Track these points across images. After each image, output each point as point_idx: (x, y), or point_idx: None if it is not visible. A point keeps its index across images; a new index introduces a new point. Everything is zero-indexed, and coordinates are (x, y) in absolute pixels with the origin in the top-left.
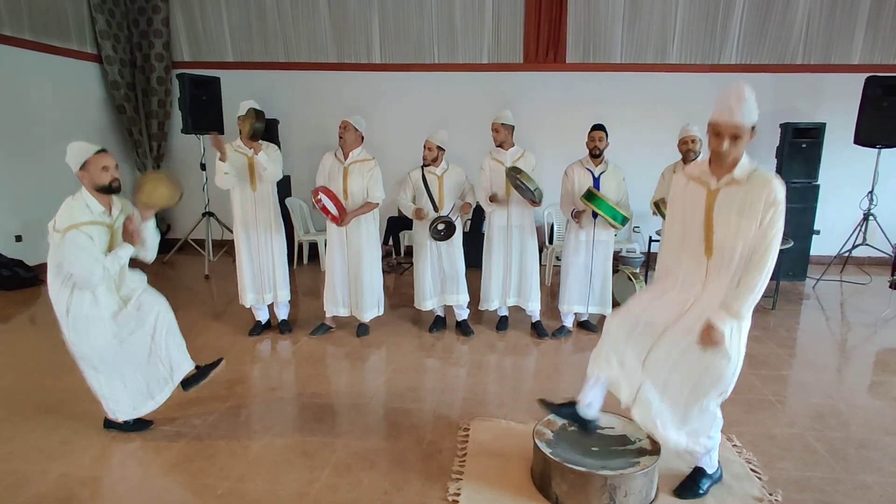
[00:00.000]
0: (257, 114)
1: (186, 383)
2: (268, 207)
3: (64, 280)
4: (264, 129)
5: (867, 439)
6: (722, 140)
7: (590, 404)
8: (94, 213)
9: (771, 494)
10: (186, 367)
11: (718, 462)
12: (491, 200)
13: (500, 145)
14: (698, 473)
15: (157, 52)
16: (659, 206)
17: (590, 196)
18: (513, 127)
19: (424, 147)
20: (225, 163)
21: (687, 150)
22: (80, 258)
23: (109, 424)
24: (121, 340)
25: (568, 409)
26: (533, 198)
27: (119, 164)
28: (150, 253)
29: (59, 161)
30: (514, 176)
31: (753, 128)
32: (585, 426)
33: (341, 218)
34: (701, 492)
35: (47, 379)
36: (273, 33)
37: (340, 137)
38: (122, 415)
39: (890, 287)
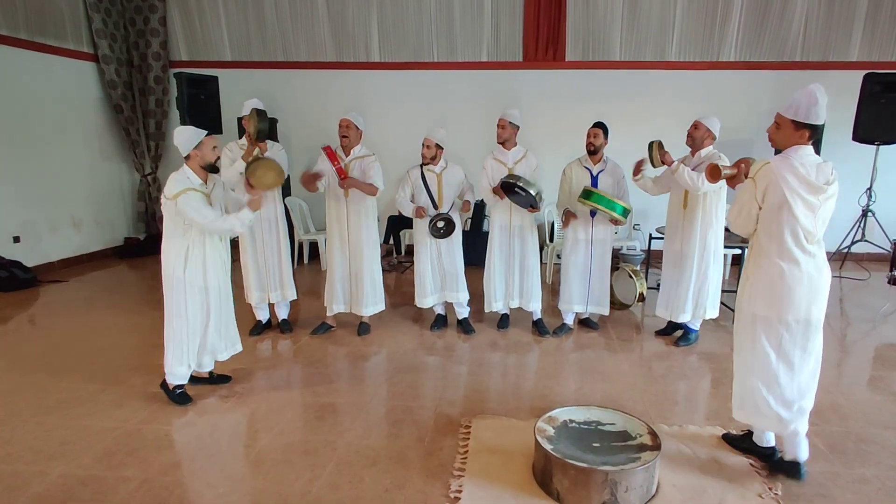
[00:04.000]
0: (259, 114)
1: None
2: (272, 206)
3: (177, 247)
4: (269, 129)
5: (866, 433)
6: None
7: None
8: (193, 183)
9: (771, 489)
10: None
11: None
12: (494, 192)
13: (502, 143)
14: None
15: (155, 51)
16: (651, 146)
17: (586, 194)
18: (518, 127)
19: (423, 145)
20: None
21: (687, 135)
22: (198, 210)
23: (164, 387)
24: (209, 306)
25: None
26: (533, 203)
27: (117, 164)
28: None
29: (56, 161)
30: (513, 184)
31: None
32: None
33: (342, 177)
34: None
35: (46, 380)
36: (271, 32)
37: (345, 136)
38: (180, 374)
39: (889, 283)
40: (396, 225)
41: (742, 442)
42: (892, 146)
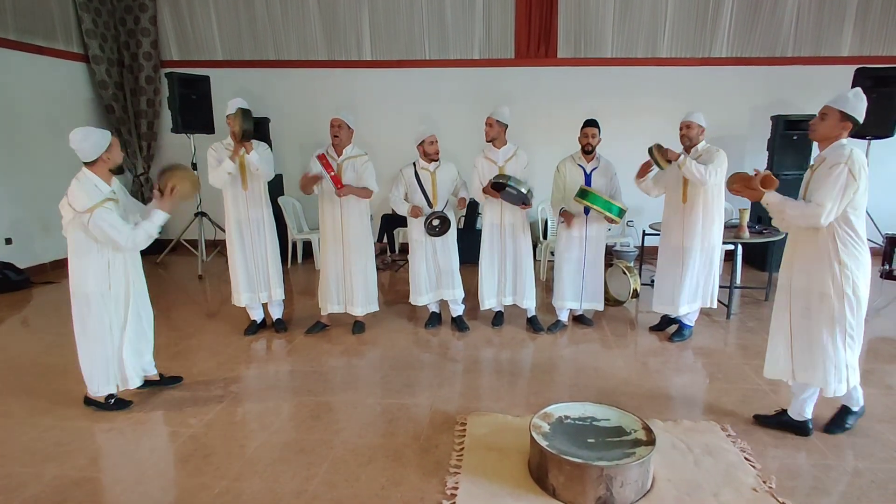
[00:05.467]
0: (244, 114)
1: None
2: (260, 206)
3: (94, 261)
4: (254, 129)
5: (859, 426)
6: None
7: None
8: (103, 191)
9: (765, 482)
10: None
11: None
12: (484, 192)
13: (490, 141)
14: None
15: (146, 50)
16: (651, 152)
17: (583, 194)
18: (506, 125)
19: (427, 144)
20: (234, 163)
21: (681, 136)
22: (115, 227)
23: (89, 402)
24: (136, 315)
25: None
26: (525, 200)
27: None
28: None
29: (47, 162)
30: (503, 184)
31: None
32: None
33: (339, 187)
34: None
35: (40, 381)
36: (263, 31)
37: (336, 136)
38: (106, 389)
39: (881, 277)
40: (390, 223)
41: (777, 418)
42: (883, 141)
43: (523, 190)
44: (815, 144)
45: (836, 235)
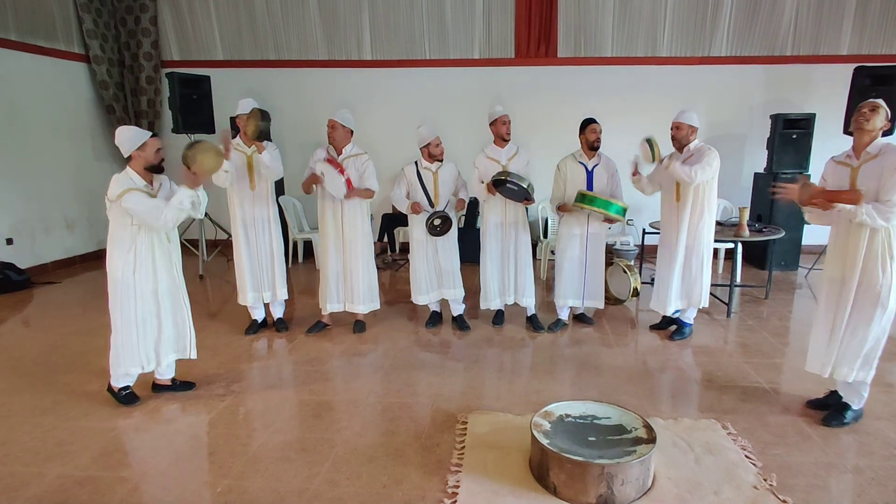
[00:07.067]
0: (262, 114)
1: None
2: (266, 206)
3: (124, 250)
4: (269, 129)
5: (859, 424)
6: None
7: None
8: (137, 185)
9: (766, 480)
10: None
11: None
12: (489, 191)
13: (507, 138)
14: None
15: (146, 51)
16: (651, 143)
17: (582, 198)
18: None
19: (433, 146)
20: (227, 161)
21: (671, 136)
22: (144, 208)
23: (110, 389)
24: (161, 309)
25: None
26: (527, 195)
27: (109, 164)
28: (200, 210)
29: (48, 163)
30: (504, 181)
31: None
32: None
33: (349, 189)
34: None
35: (42, 381)
36: (263, 31)
37: (330, 136)
38: (127, 376)
39: None
40: (390, 223)
41: (830, 398)
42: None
43: (524, 185)
44: (812, 142)
45: (886, 232)
